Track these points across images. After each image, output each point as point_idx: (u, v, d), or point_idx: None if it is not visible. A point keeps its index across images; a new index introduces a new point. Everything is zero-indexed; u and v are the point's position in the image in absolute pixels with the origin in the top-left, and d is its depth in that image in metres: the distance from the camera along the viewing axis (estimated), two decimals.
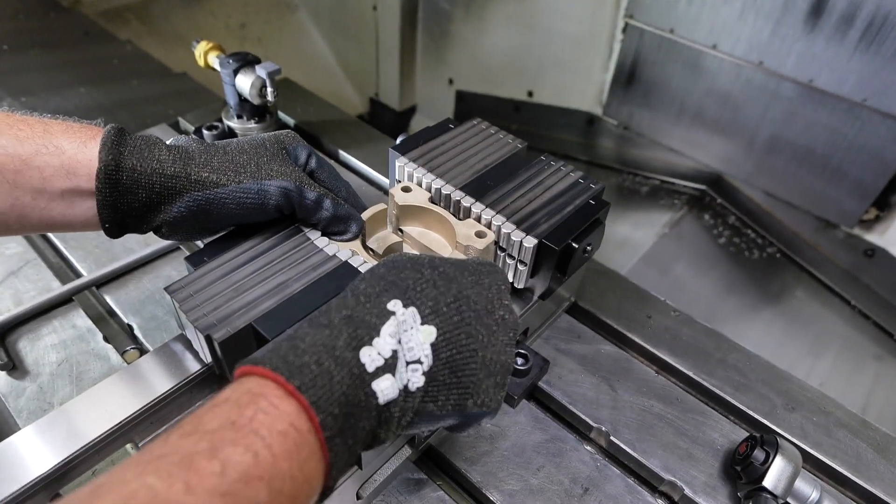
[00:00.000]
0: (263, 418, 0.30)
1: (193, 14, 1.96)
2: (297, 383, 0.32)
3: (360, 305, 0.38)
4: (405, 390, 0.36)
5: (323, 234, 0.53)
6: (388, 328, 0.36)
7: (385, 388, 0.35)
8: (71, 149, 0.44)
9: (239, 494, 0.28)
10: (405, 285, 0.39)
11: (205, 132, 0.84)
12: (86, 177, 0.44)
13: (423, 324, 0.37)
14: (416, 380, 0.36)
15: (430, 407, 0.38)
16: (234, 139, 0.52)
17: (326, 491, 0.34)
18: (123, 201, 0.45)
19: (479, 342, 0.39)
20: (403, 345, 0.36)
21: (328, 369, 0.34)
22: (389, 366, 0.35)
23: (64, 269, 0.74)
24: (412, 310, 0.37)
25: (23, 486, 0.46)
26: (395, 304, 0.37)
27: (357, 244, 0.54)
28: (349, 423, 0.33)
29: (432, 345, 0.37)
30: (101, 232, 0.48)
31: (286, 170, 0.50)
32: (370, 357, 0.35)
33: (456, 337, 0.38)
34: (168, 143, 0.48)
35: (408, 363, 0.36)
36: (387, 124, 2.07)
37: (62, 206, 0.45)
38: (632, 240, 1.51)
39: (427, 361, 0.37)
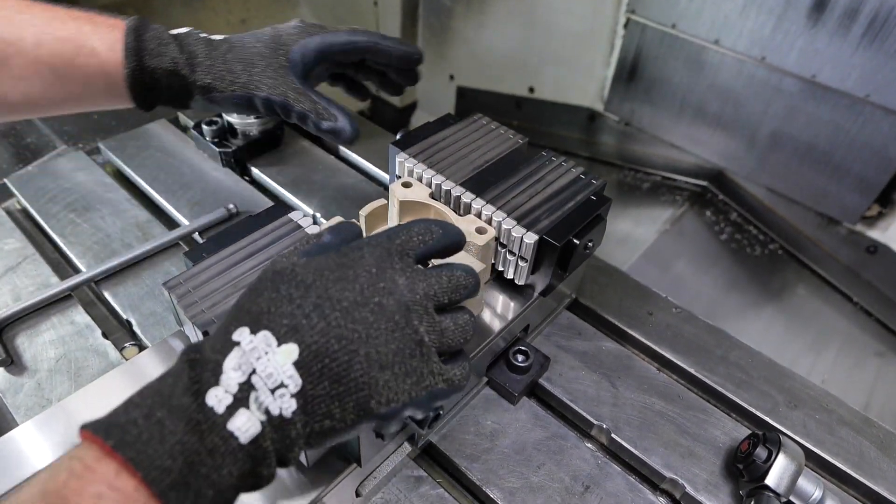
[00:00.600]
0: (75, 484, 0.29)
1: (194, 9, 1.95)
2: (113, 442, 0.30)
3: (210, 341, 0.36)
4: (279, 419, 0.33)
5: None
6: (230, 362, 0.34)
7: (242, 425, 0.32)
8: (103, 50, 0.50)
9: None
10: (258, 310, 0.36)
11: (204, 127, 0.84)
12: (120, 76, 0.51)
13: (280, 344, 0.34)
14: (287, 405, 0.33)
15: (326, 424, 0.35)
16: (242, 38, 0.55)
17: None
18: (151, 95, 0.53)
19: (356, 340, 0.35)
20: (260, 373, 0.33)
21: (158, 421, 0.31)
22: (241, 400, 0.33)
23: (62, 264, 0.73)
24: (263, 334, 0.35)
25: (21, 482, 0.46)
26: (240, 334, 0.35)
27: None
28: (196, 471, 0.31)
29: (296, 363, 0.34)
30: (99, 229, 0.49)
31: (276, 81, 0.53)
32: (217, 398, 0.32)
33: (325, 346, 0.35)
34: (174, 33, 0.54)
35: (272, 391, 0.33)
36: (387, 120, 2.06)
37: (104, 97, 0.54)
38: (633, 236, 1.50)
39: (293, 383, 0.34)
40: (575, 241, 0.55)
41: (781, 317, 1.42)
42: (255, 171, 0.85)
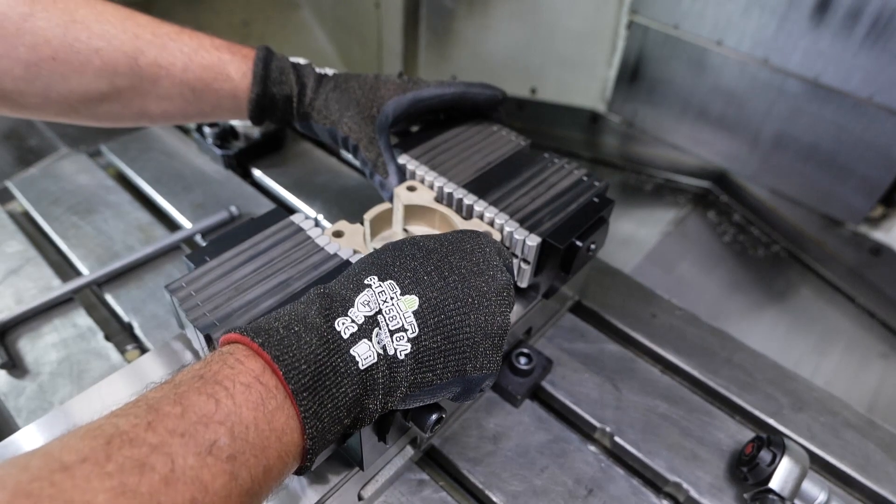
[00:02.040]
0: (228, 372, 0.33)
1: (196, 11, 1.96)
2: (261, 341, 0.34)
3: (338, 283, 0.40)
4: (393, 359, 0.37)
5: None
6: (361, 297, 0.38)
7: (363, 353, 0.36)
8: (237, 77, 0.58)
9: (198, 435, 0.29)
10: (383, 263, 0.40)
11: (206, 130, 0.84)
12: (245, 99, 0.59)
13: (403, 294, 0.38)
14: (403, 347, 0.37)
15: (428, 377, 0.38)
16: (348, 80, 0.61)
17: (307, 455, 0.35)
18: (267, 114, 0.61)
19: (469, 305, 0.39)
20: (385, 314, 0.37)
21: (296, 332, 0.35)
22: (365, 331, 0.36)
23: (64, 267, 0.73)
24: (390, 282, 0.39)
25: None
26: (371, 279, 0.39)
27: (361, 243, 0.54)
28: (322, 382, 0.34)
29: (415, 312, 0.38)
30: (101, 231, 0.57)
31: (357, 127, 0.59)
32: (343, 325, 0.36)
33: (442, 303, 0.39)
34: (293, 62, 0.61)
35: (391, 332, 0.37)
36: None
37: (228, 113, 0.61)
38: (636, 237, 1.50)
39: (412, 329, 0.37)
40: (578, 243, 0.55)
41: (785, 318, 1.41)
42: (256, 173, 0.85)
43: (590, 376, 0.64)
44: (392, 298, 0.38)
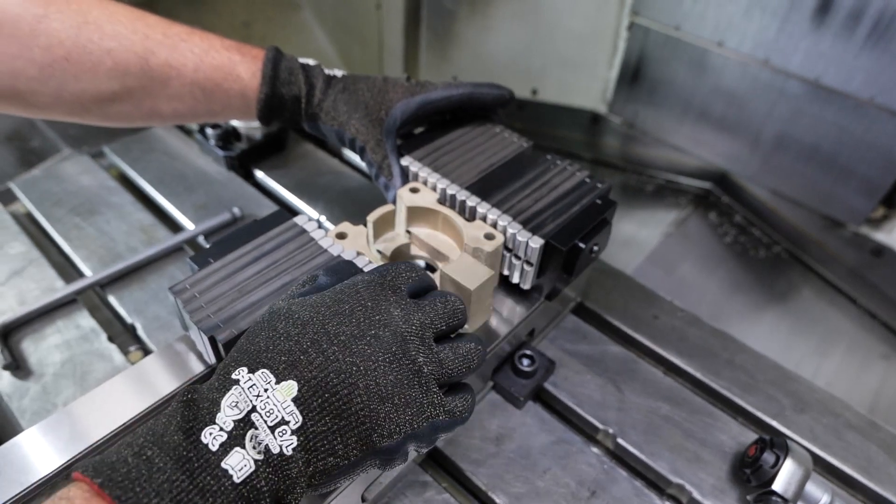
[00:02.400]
0: None
1: (197, 12, 1.96)
2: (101, 480, 0.31)
3: (209, 383, 0.36)
4: (280, 457, 0.33)
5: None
6: (227, 399, 0.34)
7: (236, 464, 0.32)
8: (247, 77, 0.58)
9: None
10: (256, 349, 0.37)
11: (209, 131, 0.84)
12: (254, 99, 0.59)
13: (279, 381, 0.35)
14: (288, 441, 0.34)
15: (329, 461, 0.35)
16: (357, 82, 0.61)
17: None
18: (275, 114, 0.61)
19: (354, 373, 0.36)
20: (260, 411, 0.34)
21: (147, 459, 0.32)
22: (236, 437, 0.33)
23: (67, 268, 0.73)
24: (262, 372, 0.35)
25: (27, 488, 0.46)
26: (239, 373, 0.35)
27: (364, 245, 0.54)
28: None
29: (295, 399, 0.34)
30: (104, 233, 0.59)
31: (364, 129, 0.60)
32: (211, 436, 0.33)
33: (324, 381, 0.35)
34: (304, 63, 0.62)
35: (271, 428, 0.33)
36: None
37: (237, 113, 0.61)
38: (637, 238, 1.50)
39: (294, 420, 0.34)
40: (580, 244, 0.55)
41: (786, 319, 1.41)
42: (259, 174, 0.85)
43: (592, 378, 0.64)
44: (266, 391, 0.34)
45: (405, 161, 0.61)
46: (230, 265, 0.50)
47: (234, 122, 0.84)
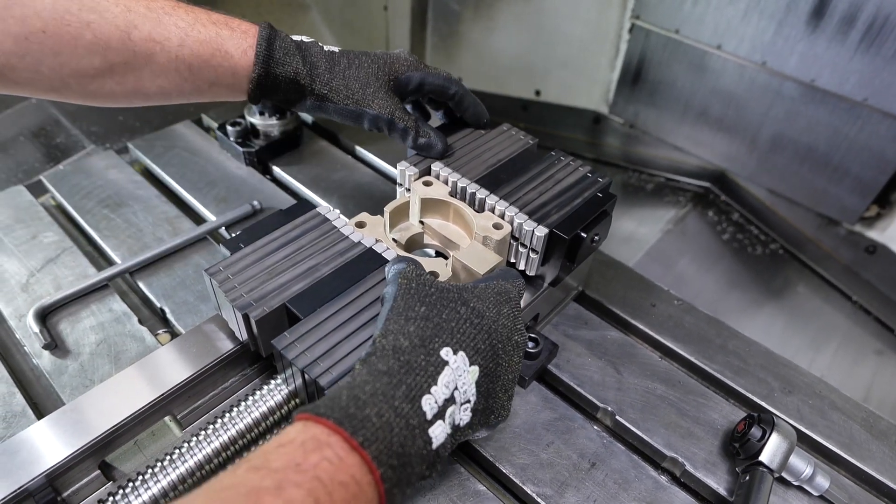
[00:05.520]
0: (327, 467, 0.33)
1: None
2: (361, 439, 0.35)
3: (415, 350, 0.41)
4: (456, 427, 0.41)
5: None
6: (444, 377, 0.40)
7: (438, 434, 0.39)
8: (236, 55, 0.56)
9: None
10: (450, 328, 0.43)
11: (229, 128, 0.88)
12: (245, 77, 0.57)
13: (471, 365, 0.42)
14: (466, 417, 0.42)
15: (467, 433, 0.43)
16: (357, 56, 0.61)
17: None
18: (267, 94, 0.59)
19: (502, 367, 0.45)
20: (459, 389, 0.41)
21: (388, 421, 0.36)
22: (442, 411, 0.39)
23: (98, 256, 0.78)
24: (461, 355, 0.42)
25: (73, 452, 0.50)
26: (447, 353, 0.41)
27: (382, 233, 0.58)
28: (405, 472, 0.37)
29: (477, 383, 0.42)
30: (132, 224, 0.66)
31: (385, 102, 0.60)
32: (429, 406, 0.39)
33: (491, 370, 0.44)
34: (297, 41, 0.60)
35: (461, 405, 0.41)
36: None
37: (225, 91, 0.59)
38: (637, 235, 1.54)
39: (474, 399, 0.42)
40: (582, 234, 0.59)
41: (782, 315, 1.45)
42: (276, 169, 0.89)
43: (593, 360, 0.68)
44: (464, 373, 0.42)
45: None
46: (260, 250, 0.54)
47: (253, 119, 0.88)
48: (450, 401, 0.40)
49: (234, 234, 0.57)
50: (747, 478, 0.55)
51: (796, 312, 1.46)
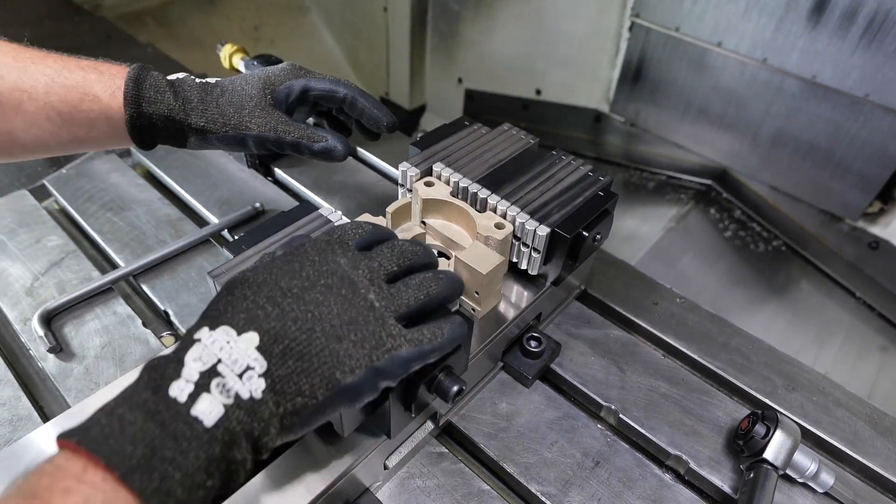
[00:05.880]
0: (46, 481, 0.30)
1: (209, 17, 2.01)
2: (76, 439, 0.32)
3: (171, 349, 0.38)
4: (251, 401, 0.35)
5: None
6: (191, 355, 0.36)
7: (205, 409, 0.34)
8: (105, 97, 0.55)
9: None
10: (214, 313, 0.39)
11: None
12: (120, 121, 0.56)
13: (240, 334, 0.37)
14: (256, 385, 0.36)
15: (298, 402, 0.37)
16: (233, 81, 0.60)
17: None
18: (147, 135, 0.58)
19: (310, 319, 0.39)
20: (225, 361, 0.36)
21: (119, 416, 0.33)
22: (203, 386, 0.35)
23: (101, 259, 0.78)
24: (222, 328, 0.37)
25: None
26: (200, 333, 0.37)
27: None
28: (159, 455, 0.32)
29: (258, 348, 0.37)
30: (135, 227, 0.65)
31: (263, 120, 0.58)
32: (179, 388, 0.34)
33: (283, 329, 0.38)
34: (171, 79, 0.58)
35: (239, 375, 0.36)
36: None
37: (106, 138, 0.58)
38: (639, 233, 1.54)
39: (259, 364, 0.36)
40: (584, 233, 0.59)
41: (785, 312, 1.45)
42: (278, 171, 0.90)
43: (596, 359, 0.68)
44: (228, 343, 0.37)
45: (420, 157, 0.65)
46: (263, 252, 0.54)
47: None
48: (210, 374, 0.35)
49: (236, 237, 0.57)
50: (752, 475, 0.55)
51: (799, 309, 1.46)
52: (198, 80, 0.59)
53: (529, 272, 0.62)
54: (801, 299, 1.47)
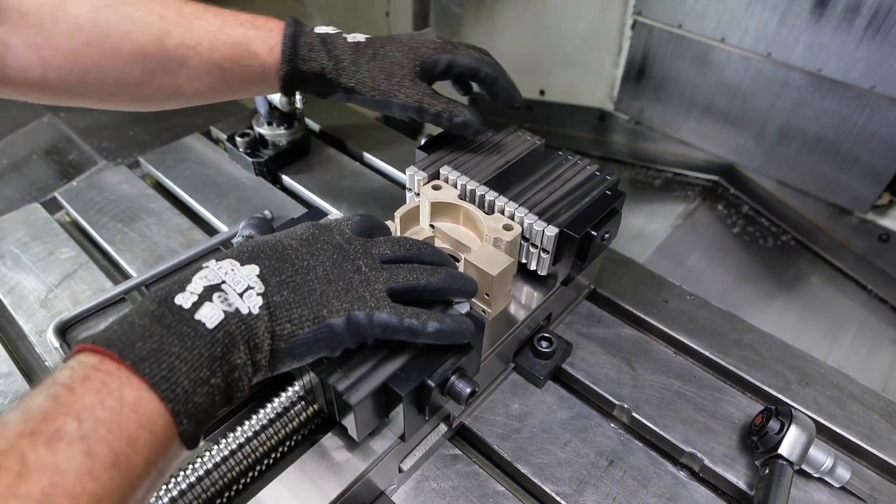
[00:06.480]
0: (67, 373, 0.34)
1: None
2: (93, 339, 0.36)
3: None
4: (249, 316, 0.39)
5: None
6: (198, 274, 0.40)
7: (208, 314, 0.38)
8: (263, 53, 0.59)
9: (43, 429, 0.31)
10: (220, 256, 0.43)
11: (237, 139, 0.89)
12: (274, 75, 0.60)
13: (243, 265, 0.42)
14: (254, 302, 0.40)
15: (287, 328, 0.41)
16: (384, 45, 0.62)
17: (179, 420, 0.35)
18: (297, 87, 0.62)
19: (306, 267, 0.44)
20: (229, 282, 0.40)
21: (130, 321, 0.37)
22: (205, 296, 0.39)
23: (114, 270, 0.79)
24: (228, 260, 0.42)
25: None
26: (207, 262, 0.42)
27: None
28: (166, 349, 0.36)
29: (258, 275, 0.41)
30: (146, 237, 0.72)
31: (411, 90, 0.60)
32: (184, 298, 0.38)
33: (280, 266, 0.43)
34: (322, 33, 0.61)
35: (240, 294, 0.40)
36: (402, 125, 2.11)
37: (257, 88, 0.63)
38: (646, 231, 1.54)
39: (258, 286, 0.41)
40: (592, 233, 0.59)
41: (796, 306, 1.44)
42: (286, 178, 0.90)
43: (607, 358, 0.68)
44: (232, 270, 0.41)
45: (426, 161, 0.65)
46: None
47: (261, 130, 0.89)
48: (213, 289, 0.39)
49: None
50: (767, 471, 0.55)
51: (810, 303, 1.45)
52: (349, 39, 0.62)
53: (539, 273, 0.62)
54: (812, 293, 1.47)
